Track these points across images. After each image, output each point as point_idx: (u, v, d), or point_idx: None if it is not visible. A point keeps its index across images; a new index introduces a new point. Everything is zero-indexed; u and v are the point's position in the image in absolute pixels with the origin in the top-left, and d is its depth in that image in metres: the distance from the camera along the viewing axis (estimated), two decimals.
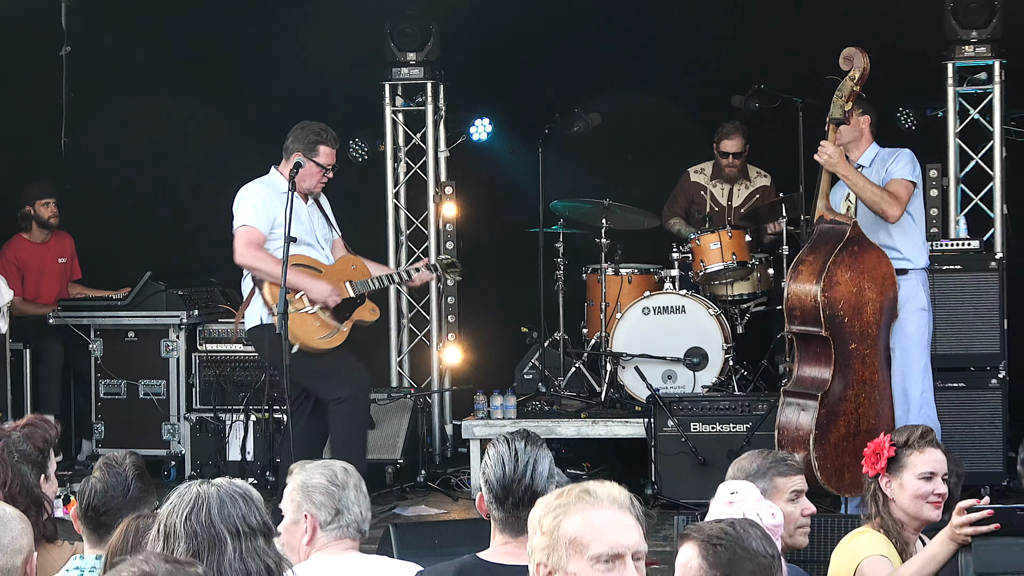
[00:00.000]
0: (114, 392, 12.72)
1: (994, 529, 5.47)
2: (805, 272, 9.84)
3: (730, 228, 12.04)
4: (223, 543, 4.17)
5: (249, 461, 11.87)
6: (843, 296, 9.79)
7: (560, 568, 4.04)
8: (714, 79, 13.53)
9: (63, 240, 13.34)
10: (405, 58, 13.09)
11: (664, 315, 11.93)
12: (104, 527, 5.25)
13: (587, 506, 4.08)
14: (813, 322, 9.76)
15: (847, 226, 9.86)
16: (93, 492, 5.29)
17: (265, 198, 10.15)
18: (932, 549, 5.69)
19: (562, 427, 11.86)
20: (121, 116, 13.63)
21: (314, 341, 10.16)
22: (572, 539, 4.03)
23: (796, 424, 9.85)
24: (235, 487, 4.32)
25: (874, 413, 10.00)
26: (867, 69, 9.95)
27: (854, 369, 9.90)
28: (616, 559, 4.02)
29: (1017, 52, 12.29)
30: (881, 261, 9.97)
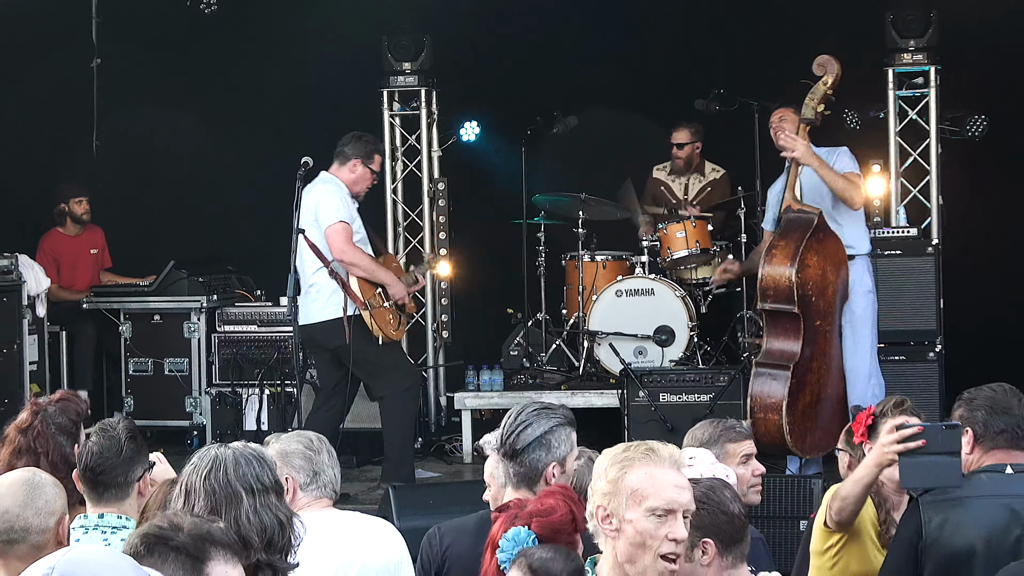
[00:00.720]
0: (142, 369, 12.74)
1: (920, 445, 5.44)
2: (779, 256, 9.90)
3: (694, 219, 12.09)
4: (239, 499, 4.20)
5: (264, 430, 11.86)
6: (812, 278, 9.87)
7: (617, 514, 4.15)
8: (678, 84, 13.54)
9: (95, 233, 13.37)
10: (401, 67, 13.09)
11: (635, 297, 11.98)
12: (102, 486, 5.20)
13: (650, 463, 4.17)
14: (786, 300, 9.83)
15: (814, 215, 9.94)
16: (90, 455, 5.21)
17: (342, 193, 10.24)
18: (859, 472, 5.68)
19: (544, 398, 11.84)
20: (145, 121, 13.63)
21: (391, 333, 10.36)
22: (633, 490, 4.13)
23: (769, 392, 9.91)
24: (249, 450, 4.36)
25: (830, 384, 10.10)
26: (839, 75, 10.02)
27: (818, 343, 9.99)
28: (669, 513, 4.13)
29: (950, 59, 12.35)
30: (839, 247, 10.07)
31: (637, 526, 4.11)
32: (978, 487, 5.51)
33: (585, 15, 13.47)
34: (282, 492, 4.34)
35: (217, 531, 3.54)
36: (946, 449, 5.44)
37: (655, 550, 4.11)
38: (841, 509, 5.71)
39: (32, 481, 4.66)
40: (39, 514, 4.60)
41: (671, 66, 13.70)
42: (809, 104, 10.02)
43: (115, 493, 5.22)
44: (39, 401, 5.96)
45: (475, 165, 13.26)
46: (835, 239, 10.05)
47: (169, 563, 3.37)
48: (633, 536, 4.12)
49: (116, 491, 5.23)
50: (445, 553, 5.09)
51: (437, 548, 5.13)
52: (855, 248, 10.22)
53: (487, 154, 13.49)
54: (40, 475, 4.75)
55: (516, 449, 5.12)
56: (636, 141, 13.64)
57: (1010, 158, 12.84)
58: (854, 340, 10.18)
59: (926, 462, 5.45)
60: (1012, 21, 12.36)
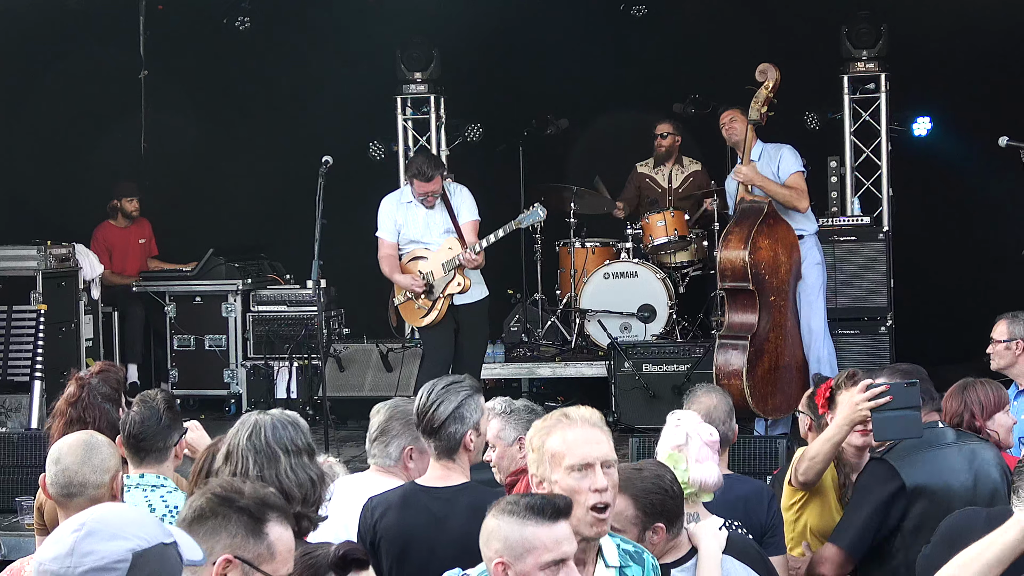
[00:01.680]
0: (185, 345, 12.74)
1: (888, 401, 5.43)
2: (733, 241, 9.91)
3: (672, 208, 12.08)
4: (277, 458, 4.21)
5: (293, 399, 11.89)
6: (764, 259, 9.87)
7: (546, 477, 4.13)
8: (658, 90, 13.54)
9: (143, 225, 13.36)
10: (413, 77, 13.04)
11: (621, 279, 11.96)
12: (143, 451, 5.24)
13: (564, 427, 4.15)
14: (742, 279, 9.84)
15: (764, 203, 9.95)
16: (132, 423, 5.25)
17: (388, 208, 10.32)
18: (830, 432, 5.61)
19: (541, 369, 11.94)
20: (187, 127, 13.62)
21: (416, 321, 10.38)
22: (553, 453, 4.12)
23: (730, 361, 9.92)
24: (286, 415, 4.36)
25: (788, 352, 10.10)
26: (778, 80, 9.99)
27: (773, 316, 9.99)
28: (587, 467, 4.09)
29: (899, 67, 12.33)
30: (789, 231, 10.07)
31: (562, 484, 4.08)
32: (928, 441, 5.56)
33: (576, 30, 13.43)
34: (314, 453, 4.34)
35: (272, 496, 3.55)
36: (908, 404, 5.45)
37: (584, 504, 4.06)
38: (808, 468, 5.63)
39: (89, 442, 4.66)
40: (95, 471, 4.59)
41: (651, 73, 13.67)
42: (754, 107, 10.01)
43: (155, 457, 5.27)
44: (81, 375, 5.93)
45: (479, 162, 13.20)
46: (785, 225, 10.05)
47: (232, 523, 3.37)
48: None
49: (156, 455, 5.28)
50: (376, 525, 5.03)
51: (369, 520, 5.06)
52: (804, 230, 10.25)
53: (489, 152, 13.43)
54: (97, 437, 4.74)
55: (434, 427, 5.06)
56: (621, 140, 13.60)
57: (952, 154, 12.83)
58: (808, 306, 10.23)
59: (893, 417, 5.46)
60: (955, 34, 12.37)
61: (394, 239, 10.27)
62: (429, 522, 4.76)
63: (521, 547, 3.76)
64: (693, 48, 13.49)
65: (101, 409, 5.73)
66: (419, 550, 4.79)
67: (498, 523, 3.82)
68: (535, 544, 3.76)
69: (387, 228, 10.29)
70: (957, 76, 12.92)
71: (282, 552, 3.42)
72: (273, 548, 3.39)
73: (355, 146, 13.41)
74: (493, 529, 3.83)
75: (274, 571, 3.39)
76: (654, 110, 13.21)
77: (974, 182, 12.67)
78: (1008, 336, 7.77)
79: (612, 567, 4.17)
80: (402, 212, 10.24)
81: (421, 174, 10.04)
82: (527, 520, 3.78)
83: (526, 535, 3.77)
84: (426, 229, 10.21)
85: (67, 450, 4.64)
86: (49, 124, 13.17)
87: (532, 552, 3.76)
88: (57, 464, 4.62)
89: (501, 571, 3.79)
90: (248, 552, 3.36)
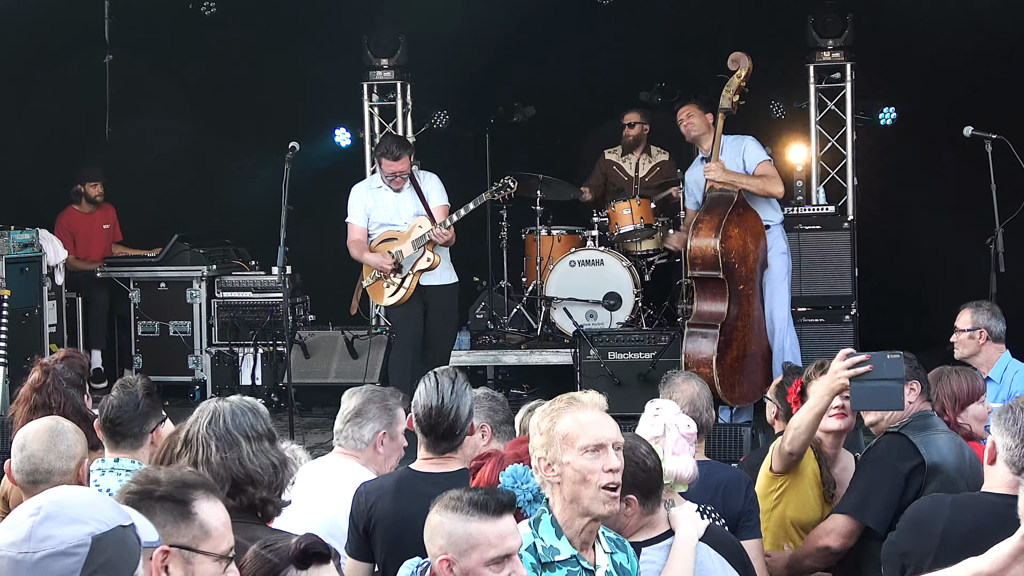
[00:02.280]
0: (149, 331, 12.69)
1: (868, 370, 5.36)
2: (704, 229, 9.95)
3: (639, 197, 12.08)
4: (239, 444, 4.19)
5: (258, 385, 11.86)
6: (734, 247, 9.91)
7: (556, 460, 4.14)
8: (625, 78, 13.54)
9: (107, 210, 13.30)
10: (379, 63, 13.02)
11: (587, 267, 11.96)
12: (119, 435, 5.20)
13: (575, 409, 4.19)
14: (712, 267, 9.87)
15: (734, 193, 9.98)
16: (110, 407, 5.21)
17: (358, 194, 10.45)
18: (811, 401, 5.58)
19: (506, 356, 11.93)
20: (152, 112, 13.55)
21: (384, 300, 10.46)
22: (565, 435, 4.13)
23: (700, 349, 9.95)
24: (245, 402, 4.34)
25: (755, 341, 10.14)
26: (751, 69, 10.02)
27: (742, 305, 10.03)
28: (600, 448, 4.12)
29: (864, 56, 12.36)
30: (757, 220, 10.11)
31: (575, 465, 4.10)
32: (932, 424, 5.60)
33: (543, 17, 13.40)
34: (275, 439, 4.32)
35: (191, 475, 3.52)
36: (890, 376, 5.39)
37: (596, 483, 4.10)
38: (794, 438, 5.57)
39: (55, 428, 4.65)
40: (61, 457, 4.58)
41: (618, 62, 13.67)
42: (726, 95, 10.04)
43: (130, 442, 5.23)
44: (46, 361, 5.91)
45: (445, 149, 13.19)
46: (754, 214, 10.10)
47: (158, 513, 3.31)
48: (573, 475, 4.11)
49: (132, 440, 5.23)
50: (370, 511, 5.01)
51: (364, 506, 5.04)
52: (770, 220, 10.30)
53: (455, 140, 13.41)
54: (63, 423, 4.73)
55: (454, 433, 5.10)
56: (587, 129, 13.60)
57: (916, 144, 12.87)
58: (772, 295, 10.29)
59: (873, 387, 5.40)
60: (920, 24, 12.39)
61: (363, 224, 10.33)
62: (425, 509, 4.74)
63: (465, 543, 3.77)
64: (660, 36, 13.49)
65: (66, 395, 5.71)
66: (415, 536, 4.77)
67: (441, 519, 3.81)
68: (479, 540, 3.76)
69: (357, 214, 10.35)
70: (923, 66, 12.96)
71: (217, 528, 3.39)
72: (207, 526, 3.36)
73: (321, 133, 13.38)
74: (436, 525, 3.82)
75: (214, 548, 3.35)
76: (621, 98, 13.21)
77: (939, 172, 12.72)
78: (972, 325, 7.82)
79: (607, 553, 4.23)
80: (372, 197, 10.33)
81: (388, 153, 10.13)
82: (471, 516, 3.78)
83: (470, 531, 3.77)
84: (396, 213, 10.26)
85: (33, 436, 4.62)
86: (12, 109, 13.07)
87: (476, 548, 3.76)
88: (23, 451, 4.60)
89: (446, 568, 3.78)
90: (181, 537, 3.32)
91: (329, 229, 11.83)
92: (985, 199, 9.48)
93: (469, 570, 3.77)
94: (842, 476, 5.96)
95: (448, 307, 10.51)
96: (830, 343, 11.30)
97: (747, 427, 9.21)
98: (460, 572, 3.77)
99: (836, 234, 11.63)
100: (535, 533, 4.15)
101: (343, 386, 11.49)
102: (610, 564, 4.21)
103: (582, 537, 4.17)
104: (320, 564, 3.50)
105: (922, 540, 4.56)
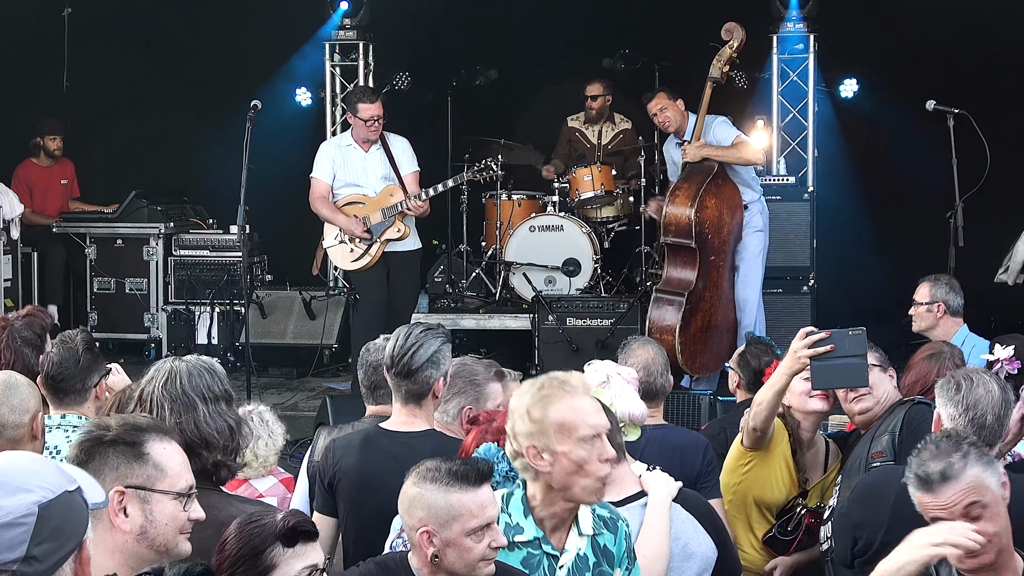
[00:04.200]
0: (105, 288, 12.64)
1: (829, 350, 5.27)
2: (681, 197, 9.94)
3: (600, 164, 12.07)
4: (194, 406, 4.16)
5: (214, 344, 11.81)
6: (709, 218, 9.92)
7: (548, 448, 3.99)
8: (588, 44, 13.51)
9: (65, 165, 13.20)
10: (343, 23, 12.96)
11: (546, 232, 11.93)
12: (63, 391, 5.18)
13: (568, 396, 4.03)
14: (686, 235, 9.87)
15: (714, 163, 9.97)
16: (51, 364, 5.18)
17: (328, 150, 10.48)
18: (773, 379, 5.48)
19: (464, 320, 11.90)
20: (111, 66, 13.46)
21: (347, 264, 10.44)
22: (560, 424, 3.99)
23: (664, 316, 9.96)
24: (202, 362, 4.30)
25: (721, 313, 10.17)
26: (744, 40, 10.02)
27: (711, 276, 10.05)
28: (597, 437, 4.01)
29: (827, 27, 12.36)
30: (736, 193, 10.12)
31: (572, 456, 3.97)
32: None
33: None
34: (231, 400, 4.28)
35: (142, 419, 3.54)
36: (853, 352, 5.29)
37: (593, 474, 4.00)
38: (756, 415, 5.51)
39: (8, 382, 4.60)
40: (14, 411, 4.54)
41: (582, 28, 13.64)
42: (716, 65, 10.04)
43: (74, 398, 5.21)
44: (7, 316, 5.87)
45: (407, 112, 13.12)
46: (732, 186, 10.09)
47: (111, 457, 3.34)
48: (569, 466, 3.98)
49: (75, 396, 5.21)
50: (336, 466, 5.01)
51: (330, 461, 5.04)
52: (751, 198, 10.31)
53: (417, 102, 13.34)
54: (16, 377, 4.69)
55: (411, 369, 5.03)
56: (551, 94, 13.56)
57: (877, 115, 12.90)
58: (745, 273, 10.28)
59: (836, 365, 5.29)
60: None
61: (329, 181, 10.34)
62: (389, 465, 4.72)
63: (447, 514, 3.74)
64: (624, 2, 13.45)
65: (18, 352, 5.66)
66: (377, 491, 4.76)
67: (420, 491, 3.78)
68: (461, 511, 3.74)
69: (324, 170, 10.34)
70: (886, 39, 12.98)
71: (172, 467, 3.41)
72: (161, 466, 3.38)
73: (282, 92, 13.29)
74: (415, 497, 3.78)
75: (172, 486, 3.38)
76: (585, 64, 13.19)
77: (900, 145, 12.75)
78: (930, 299, 7.85)
79: (585, 535, 4.14)
80: (341, 154, 10.34)
81: (365, 96, 10.27)
82: (451, 487, 3.75)
83: (451, 502, 3.74)
84: (363, 172, 10.25)
85: None
86: None
87: (458, 519, 3.74)
88: None
89: (426, 539, 3.76)
90: (136, 478, 3.34)
91: (287, 189, 11.79)
92: (946, 173, 9.50)
93: (450, 540, 3.74)
94: (814, 460, 5.92)
95: (411, 273, 10.57)
96: (789, 313, 11.37)
97: (706, 395, 9.23)
98: (441, 543, 3.75)
99: (796, 204, 11.66)
100: (504, 509, 4.07)
101: (300, 347, 11.62)
102: (587, 547, 4.13)
103: (555, 520, 4.10)
104: (307, 542, 3.49)
105: (874, 510, 4.58)
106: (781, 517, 5.78)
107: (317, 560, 3.49)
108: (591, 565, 4.12)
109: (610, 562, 4.15)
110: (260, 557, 3.43)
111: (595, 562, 4.13)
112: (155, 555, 3.34)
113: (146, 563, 3.33)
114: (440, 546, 3.75)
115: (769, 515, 5.82)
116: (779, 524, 5.78)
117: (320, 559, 3.50)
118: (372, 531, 4.66)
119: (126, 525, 3.31)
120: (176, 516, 3.38)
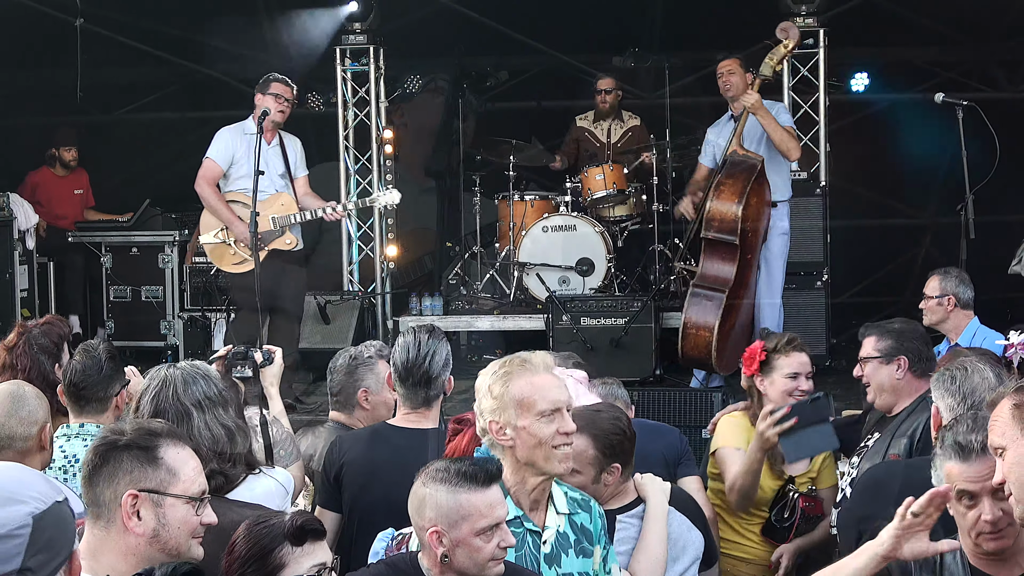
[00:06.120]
0: (121, 296, 12.72)
1: (794, 423, 5.42)
2: (727, 192, 9.83)
3: (611, 162, 12.10)
4: (189, 415, 4.21)
5: None
6: (751, 216, 9.86)
7: (510, 423, 4.12)
8: (598, 43, 13.54)
9: (80, 175, 13.29)
10: (353, 27, 13.01)
11: (559, 232, 11.95)
12: (84, 400, 5.22)
13: (528, 372, 4.16)
14: (730, 232, 9.76)
15: (758, 161, 9.93)
16: (74, 372, 5.23)
17: (229, 135, 10.12)
18: (747, 461, 5.62)
19: (479, 321, 11.94)
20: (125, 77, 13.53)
21: (227, 266, 10.19)
22: (520, 400, 4.11)
23: (704, 313, 9.90)
24: (196, 368, 4.35)
25: (745, 311, 10.14)
26: (799, 40, 10.03)
27: (746, 275, 10.01)
28: (556, 412, 4.12)
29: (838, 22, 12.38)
30: (768, 193, 10.07)
31: (531, 430, 4.10)
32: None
33: None
34: (228, 404, 4.32)
35: (156, 424, 3.58)
36: (817, 419, 5.48)
37: (550, 445, 4.10)
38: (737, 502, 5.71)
39: (16, 393, 4.63)
40: (22, 423, 4.57)
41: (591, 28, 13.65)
42: (769, 63, 9.99)
43: (95, 406, 5.25)
44: (25, 323, 5.93)
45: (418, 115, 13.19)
46: (768, 185, 10.05)
47: (124, 461, 3.39)
48: (529, 439, 4.11)
49: (96, 404, 5.25)
50: (342, 459, 5.11)
51: (336, 454, 5.15)
52: (780, 194, 10.27)
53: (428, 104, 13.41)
54: (24, 387, 4.72)
55: (431, 376, 5.13)
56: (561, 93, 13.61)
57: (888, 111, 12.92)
58: (768, 275, 10.25)
59: (803, 435, 5.48)
60: None
61: (225, 167, 10.07)
62: (395, 458, 4.83)
63: (456, 514, 3.79)
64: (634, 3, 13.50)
65: (34, 360, 5.72)
66: (382, 482, 4.85)
67: (429, 491, 3.83)
68: (470, 511, 3.80)
69: (222, 154, 10.07)
70: (895, 33, 12.99)
71: (186, 472, 3.45)
72: (174, 470, 3.43)
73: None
74: (424, 497, 3.83)
75: (184, 490, 3.42)
76: (595, 62, 13.22)
77: (910, 138, 12.76)
78: (940, 292, 7.88)
79: (562, 513, 4.24)
80: (244, 143, 10.03)
81: (282, 80, 10.02)
82: (460, 487, 3.81)
83: (460, 502, 3.80)
84: (264, 165, 9.79)
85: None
86: None
87: (467, 519, 3.80)
88: None
89: (436, 540, 3.81)
90: (149, 482, 3.39)
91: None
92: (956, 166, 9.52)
93: (460, 540, 3.80)
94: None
95: (298, 267, 10.37)
96: (802, 308, 11.37)
97: (718, 392, 9.27)
98: (450, 543, 3.80)
99: (809, 199, 11.65)
100: None
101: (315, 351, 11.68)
102: (565, 525, 4.23)
103: (532, 497, 4.19)
104: (315, 540, 3.55)
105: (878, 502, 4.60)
106: (774, 507, 5.85)
107: (325, 558, 3.55)
108: (572, 542, 4.23)
109: (589, 539, 4.26)
110: (269, 557, 3.49)
111: (576, 539, 4.24)
112: (167, 558, 3.38)
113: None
114: (450, 546, 3.81)
115: (759, 511, 5.91)
116: (774, 513, 5.85)
117: (328, 557, 3.56)
118: (376, 516, 4.74)
119: (139, 528, 3.36)
120: (188, 520, 3.44)
